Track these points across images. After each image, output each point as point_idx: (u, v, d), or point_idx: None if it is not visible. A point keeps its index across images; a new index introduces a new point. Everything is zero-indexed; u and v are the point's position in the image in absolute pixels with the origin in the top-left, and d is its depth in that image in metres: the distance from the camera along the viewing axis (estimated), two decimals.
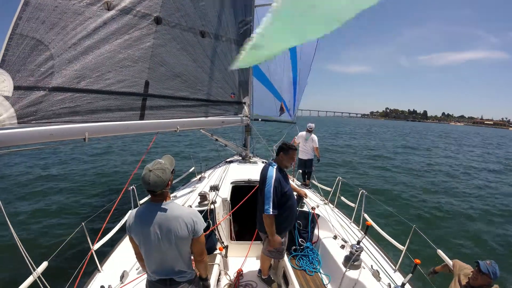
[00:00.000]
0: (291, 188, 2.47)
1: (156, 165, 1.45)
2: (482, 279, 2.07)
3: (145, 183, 1.42)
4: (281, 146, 2.41)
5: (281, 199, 2.28)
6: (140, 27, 2.64)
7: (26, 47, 1.97)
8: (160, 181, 1.42)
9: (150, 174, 1.41)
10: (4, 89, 1.89)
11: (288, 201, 2.36)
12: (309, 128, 5.37)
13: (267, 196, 2.20)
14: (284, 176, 2.37)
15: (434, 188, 9.78)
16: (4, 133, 1.82)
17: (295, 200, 2.53)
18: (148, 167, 1.44)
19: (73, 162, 11.27)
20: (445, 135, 46.36)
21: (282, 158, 2.38)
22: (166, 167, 1.47)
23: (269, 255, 2.56)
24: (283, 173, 2.38)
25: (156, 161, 1.48)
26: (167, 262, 1.51)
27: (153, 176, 1.40)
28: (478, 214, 7.33)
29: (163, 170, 1.44)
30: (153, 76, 2.87)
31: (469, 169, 14.11)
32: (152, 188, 1.42)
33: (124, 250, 2.72)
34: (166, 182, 1.46)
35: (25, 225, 5.30)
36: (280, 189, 2.25)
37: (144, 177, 1.42)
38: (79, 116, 2.32)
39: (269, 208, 2.17)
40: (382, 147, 22.33)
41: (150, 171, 1.42)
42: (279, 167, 2.35)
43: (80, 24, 2.23)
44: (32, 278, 1.84)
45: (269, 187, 2.21)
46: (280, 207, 2.27)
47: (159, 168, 1.43)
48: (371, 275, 2.34)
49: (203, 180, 4.23)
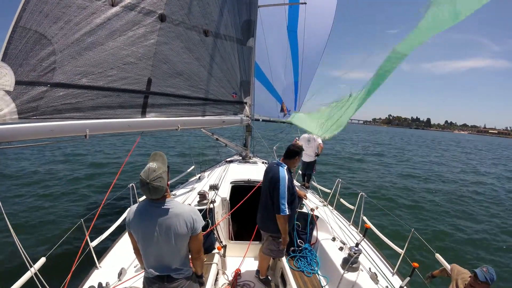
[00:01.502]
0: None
1: (151, 175, 1.36)
2: (480, 287, 2.08)
3: (146, 195, 1.42)
4: (295, 150, 2.45)
5: (291, 199, 2.34)
6: (144, 24, 2.63)
7: (29, 40, 1.95)
8: (160, 189, 1.40)
9: (149, 187, 1.36)
10: (5, 84, 1.87)
11: (294, 201, 2.44)
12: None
13: (282, 196, 2.25)
14: (291, 177, 2.44)
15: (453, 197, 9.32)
16: (5, 128, 1.81)
17: (297, 201, 2.59)
18: (143, 179, 1.36)
19: (73, 158, 11.22)
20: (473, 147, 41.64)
21: (296, 161, 2.47)
22: (161, 172, 1.40)
23: (270, 254, 2.58)
24: (291, 174, 2.44)
25: (149, 169, 1.39)
26: (164, 259, 1.51)
27: (152, 188, 1.37)
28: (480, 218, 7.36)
29: (160, 179, 1.39)
30: (156, 74, 2.86)
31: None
32: (154, 197, 1.42)
33: (122, 247, 2.71)
34: (165, 188, 1.44)
35: (22, 221, 5.26)
36: (291, 189, 2.34)
37: (143, 189, 1.39)
38: (81, 112, 2.30)
39: (285, 208, 2.24)
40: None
41: (147, 183, 1.35)
42: (288, 168, 2.41)
43: (84, 19, 2.21)
44: (29, 274, 1.82)
45: (284, 188, 2.26)
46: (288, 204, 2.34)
47: (155, 178, 1.36)
48: (369, 278, 2.35)
49: (203, 179, 4.22)
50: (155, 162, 1.44)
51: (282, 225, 2.31)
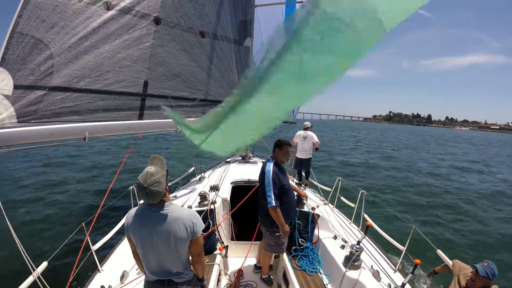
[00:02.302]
0: (289, 183, 2.55)
1: (149, 180, 1.34)
2: (481, 282, 2.06)
3: (144, 199, 1.40)
4: (275, 143, 2.54)
5: (280, 191, 2.36)
6: (139, 27, 2.64)
7: (26, 45, 1.97)
8: (158, 194, 1.38)
9: (146, 192, 1.34)
10: (4, 88, 1.89)
11: (287, 195, 2.45)
12: (305, 126, 5.33)
13: (267, 188, 2.33)
14: (281, 171, 2.48)
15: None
16: (4, 132, 1.82)
17: (294, 196, 2.60)
18: (141, 183, 1.34)
19: (73, 161, 11.27)
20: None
21: (277, 154, 2.51)
22: (159, 177, 1.38)
23: (269, 249, 2.59)
24: (280, 168, 2.48)
25: (147, 173, 1.37)
26: (165, 263, 1.49)
27: (150, 193, 1.35)
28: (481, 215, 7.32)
29: (158, 183, 1.36)
30: (152, 76, 2.87)
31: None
32: (151, 202, 1.41)
33: (124, 250, 2.72)
34: (164, 192, 1.42)
35: (24, 225, 5.30)
36: (278, 181, 2.36)
37: (140, 194, 1.38)
38: (79, 115, 2.32)
39: (272, 199, 2.29)
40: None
41: (144, 188, 1.33)
42: (276, 162, 2.48)
43: (80, 24, 2.23)
44: (32, 278, 1.83)
45: (268, 180, 2.34)
46: (279, 200, 2.37)
47: (153, 182, 1.34)
48: (371, 275, 2.34)
49: (203, 180, 4.23)
50: (154, 166, 1.42)
51: (276, 217, 2.33)
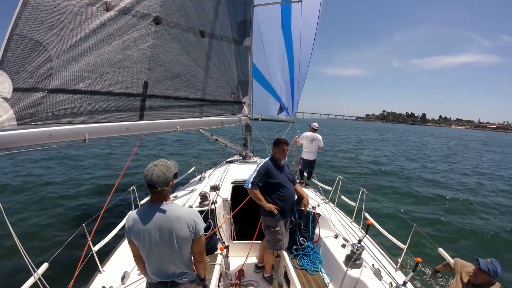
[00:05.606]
0: (285, 178, 2.64)
1: (161, 162, 1.49)
2: (482, 277, 2.06)
3: (147, 176, 1.42)
4: (274, 141, 2.71)
5: (270, 184, 2.54)
6: (139, 28, 2.63)
7: (25, 48, 1.96)
8: (163, 177, 1.43)
9: (155, 169, 1.43)
10: (3, 91, 1.88)
11: (279, 190, 2.56)
12: (314, 127, 5.31)
13: (251, 173, 2.54)
14: (276, 166, 2.62)
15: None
16: (4, 135, 1.82)
17: (291, 194, 2.66)
18: (153, 162, 1.49)
19: (73, 162, 11.26)
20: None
21: (274, 151, 2.68)
22: (170, 166, 1.51)
23: (268, 246, 2.63)
24: (276, 164, 2.64)
25: (161, 159, 1.53)
26: (168, 264, 1.50)
27: (157, 171, 1.42)
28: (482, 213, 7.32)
29: (168, 168, 1.48)
30: (152, 77, 2.86)
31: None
32: (153, 183, 1.41)
33: (125, 251, 2.71)
34: (168, 181, 1.47)
35: (25, 227, 5.29)
36: (266, 173, 2.53)
37: (148, 170, 1.44)
38: (79, 117, 2.31)
39: (249, 182, 2.49)
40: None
41: (155, 165, 1.45)
42: (272, 158, 2.66)
43: (78, 25, 2.22)
44: (33, 280, 1.83)
45: (256, 168, 2.57)
46: (271, 192, 2.54)
47: (164, 165, 1.47)
48: (373, 274, 2.34)
49: (204, 180, 4.22)
50: (168, 161, 1.56)
51: (255, 198, 2.51)
